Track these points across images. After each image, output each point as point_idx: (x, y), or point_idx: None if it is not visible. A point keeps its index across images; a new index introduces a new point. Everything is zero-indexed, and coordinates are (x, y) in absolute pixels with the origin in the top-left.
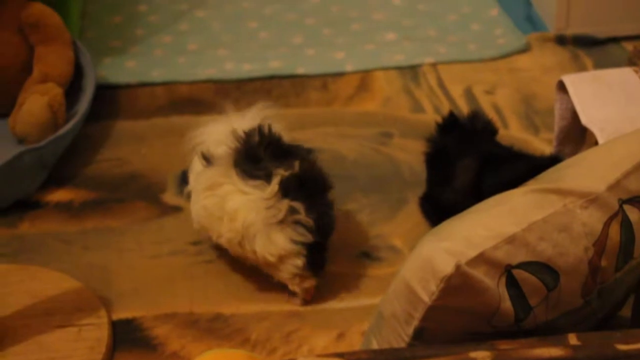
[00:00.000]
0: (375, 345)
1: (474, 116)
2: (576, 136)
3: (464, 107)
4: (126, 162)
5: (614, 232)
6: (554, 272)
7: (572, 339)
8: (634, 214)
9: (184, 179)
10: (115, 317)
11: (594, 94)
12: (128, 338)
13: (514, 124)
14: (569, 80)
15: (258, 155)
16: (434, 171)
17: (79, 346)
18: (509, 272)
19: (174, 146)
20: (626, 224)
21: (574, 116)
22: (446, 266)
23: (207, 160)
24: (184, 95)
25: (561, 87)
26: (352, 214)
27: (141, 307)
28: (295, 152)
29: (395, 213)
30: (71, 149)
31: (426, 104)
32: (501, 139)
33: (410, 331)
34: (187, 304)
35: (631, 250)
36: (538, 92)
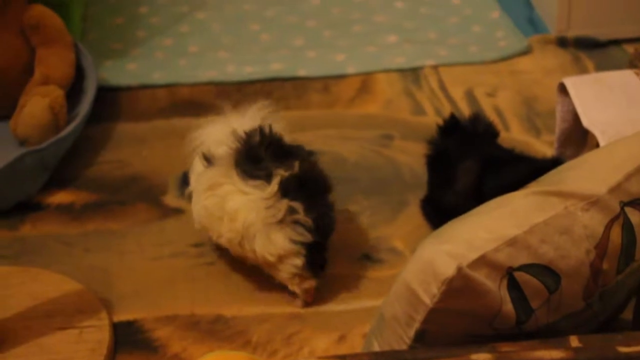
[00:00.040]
0: (376, 348)
1: (475, 118)
2: (577, 138)
3: (465, 110)
4: (127, 164)
5: (615, 234)
6: (555, 274)
7: (574, 341)
8: (635, 216)
9: (184, 181)
10: (116, 319)
11: (595, 96)
12: (129, 340)
13: (515, 126)
14: (571, 83)
15: (259, 156)
16: (435, 173)
17: (80, 348)
18: (510, 275)
19: (175, 148)
20: (627, 227)
21: (575, 118)
22: (447, 269)
23: (208, 160)
24: (185, 97)
25: (562, 89)
26: (353, 216)
27: (142, 309)
28: (296, 152)
29: (396, 215)
30: (72, 150)
31: (427, 106)
32: (502, 141)
33: (412, 333)
34: (188, 306)
35: (632, 253)
36: (539, 94)
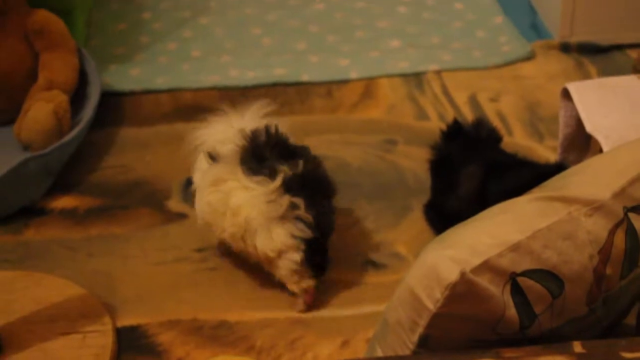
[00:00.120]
0: (379, 353)
1: (479, 123)
2: (581, 144)
3: (468, 115)
4: (131, 169)
5: (619, 240)
6: (558, 279)
7: (577, 346)
8: (638, 221)
9: (188, 186)
10: (119, 324)
11: (598, 101)
12: (132, 345)
13: (518, 131)
14: (574, 88)
15: (264, 154)
16: (438, 178)
17: (84, 353)
18: (513, 280)
19: (178, 153)
20: (631, 232)
21: (579, 124)
22: (451, 274)
23: (213, 158)
24: (189, 102)
25: (566, 94)
26: (357, 221)
27: (146, 314)
28: (301, 153)
29: (399, 220)
30: (76, 155)
31: (430, 111)
32: (505, 146)
33: (415, 338)
34: (191, 311)
35: (636, 258)
36: (542, 99)
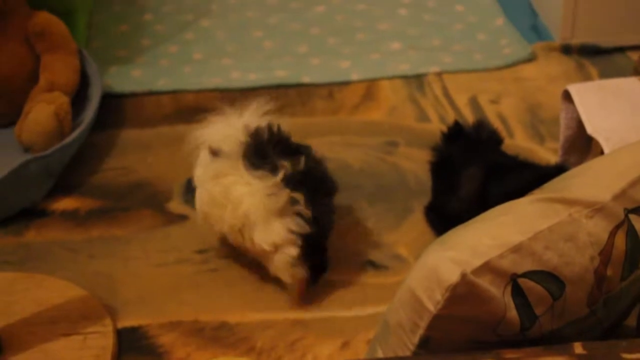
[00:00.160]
0: (380, 354)
1: (479, 125)
2: (582, 145)
3: (469, 117)
4: (132, 170)
5: (620, 241)
6: (559, 281)
7: (578, 348)
8: (639, 223)
9: (189, 188)
10: (120, 325)
11: (599, 103)
12: (133, 346)
13: (519, 133)
14: (575, 90)
15: (266, 151)
16: (439, 180)
17: (84, 354)
18: (514, 281)
19: (179, 155)
20: (632, 234)
21: (580, 125)
22: (452, 275)
23: (215, 153)
24: (190, 104)
25: (567, 96)
26: (358, 222)
27: (147, 316)
28: (303, 151)
29: (400, 222)
30: (77, 157)
31: (431, 113)
32: (506, 148)
33: (416, 340)
34: (192, 313)
35: (637, 260)
36: (543, 101)
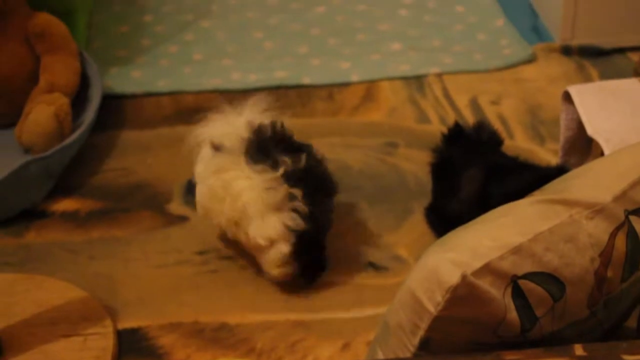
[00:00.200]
0: (380, 356)
1: (480, 126)
2: (582, 147)
3: (469, 118)
4: (132, 171)
5: (620, 242)
6: (560, 282)
7: (578, 349)
8: (639, 224)
9: (189, 189)
10: (120, 326)
11: (599, 104)
12: (133, 347)
13: (519, 134)
14: (575, 91)
15: (268, 148)
16: (439, 181)
17: (85, 356)
18: (514, 283)
19: (179, 156)
20: (632, 235)
21: (580, 127)
22: (452, 277)
23: (217, 148)
24: (190, 105)
25: (567, 97)
26: (358, 223)
27: (147, 317)
28: (305, 150)
29: (400, 223)
30: (77, 158)
31: (432, 114)
32: (507, 149)
33: (416, 341)
34: (192, 314)
35: (637, 261)
36: (544, 102)
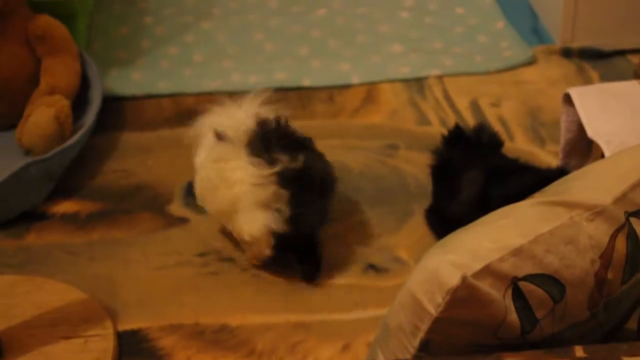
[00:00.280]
0: (380, 357)
1: (480, 128)
2: (582, 149)
3: (469, 120)
4: (132, 173)
5: (620, 244)
6: (560, 284)
7: (579, 351)
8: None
9: (190, 191)
10: (121, 328)
11: (600, 106)
12: (134, 349)
13: (519, 136)
14: (575, 93)
15: (270, 142)
16: (439, 183)
17: (85, 357)
18: (515, 284)
19: (180, 158)
20: (632, 237)
21: (580, 129)
22: (452, 278)
23: (220, 137)
24: (190, 106)
25: (567, 99)
26: (358, 225)
27: (147, 318)
28: (307, 147)
29: (401, 225)
30: (78, 160)
31: (432, 116)
32: (507, 151)
33: (416, 343)
34: (192, 315)
35: (637, 263)
36: (544, 104)
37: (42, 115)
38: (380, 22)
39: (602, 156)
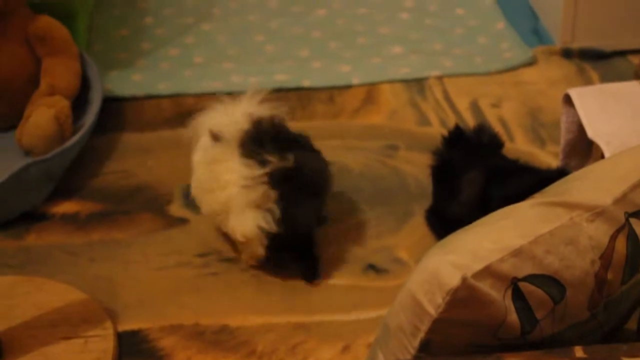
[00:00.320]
0: (381, 358)
1: (480, 129)
2: (582, 149)
3: (470, 120)
4: (132, 174)
5: (620, 245)
6: (560, 285)
7: (578, 351)
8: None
9: (189, 191)
10: (121, 328)
11: (600, 107)
12: (134, 350)
13: (520, 137)
14: (576, 94)
15: (263, 142)
16: (440, 184)
17: (85, 358)
18: (515, 285)
19: (180, 158)
20: (632, 238)
21: (580, 129)
22: (452, 279)
23: (216, 138)
24: (191, 107)
25: (567, 100)
26: (358, 226)
27: (147, 319)
28: (302, 144)
29: (401, 225)
30: (78, 161)
31: (432, 117)
32: (507, 152)
33: (416, 343)
34: (193, 316)
35: (637, 264)
36: (544, 105)
37: (42, 116)
38: (380, 23)
39: (602, 157)
